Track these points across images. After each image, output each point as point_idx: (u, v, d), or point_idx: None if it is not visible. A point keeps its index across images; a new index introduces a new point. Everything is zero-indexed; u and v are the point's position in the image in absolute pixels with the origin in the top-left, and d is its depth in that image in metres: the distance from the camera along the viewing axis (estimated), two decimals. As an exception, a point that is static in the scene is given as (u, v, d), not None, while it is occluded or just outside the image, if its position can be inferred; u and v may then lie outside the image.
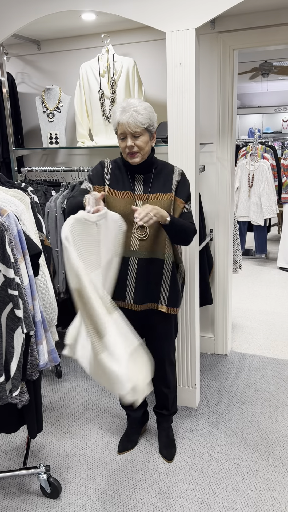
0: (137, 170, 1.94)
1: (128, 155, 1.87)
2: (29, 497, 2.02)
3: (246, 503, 1.94)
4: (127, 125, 1.80)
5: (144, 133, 1.84)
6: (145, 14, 2.16)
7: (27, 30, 2.78)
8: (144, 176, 1.95)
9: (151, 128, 1.87)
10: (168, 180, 1.95)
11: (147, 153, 1.89)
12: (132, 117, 1.78)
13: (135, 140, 1.84)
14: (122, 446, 2.29)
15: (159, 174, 1.96)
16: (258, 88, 9.61)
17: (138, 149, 1.85)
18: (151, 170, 1.96)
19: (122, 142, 1.86)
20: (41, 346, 1.82)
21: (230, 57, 2.66)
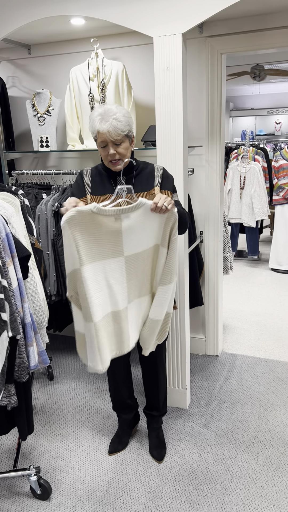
0: (118, 173, 1.95)
1: (110, 163, 1.88)
2: (19, 499, 2.03)
3: (235, 502, 1.96)
4: (107, 134, 1.80)
5: (125, 140, 1.86)
6: (132, 19, 2.19)
7: (17, 35, 2.81)
8: (126, 177, 1.96)
9: (131, 134, 1.89)
10: (150, 177, 1.97)
11: (128, 158, 1.91)
12: (113, 126, 1.79)
13: (117, 148, 1.84)
14: (113, 447, 2.30)
15: (140, 174, 1.98)
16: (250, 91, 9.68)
17: (120, 156, 1.86)
18: (133, 171, 1.97)
19: (103, 150, 1.87)
20: (31, 348, 1.83)
21: (218, 61, 2.69)
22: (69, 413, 2.64)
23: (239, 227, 5.66)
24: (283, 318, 3.90)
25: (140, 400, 2.67)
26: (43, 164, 3.30)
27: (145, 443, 2.35)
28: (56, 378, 3.03)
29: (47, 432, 2.47)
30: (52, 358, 3.28)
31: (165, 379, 2.29)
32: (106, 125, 1.79)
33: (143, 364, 2.22)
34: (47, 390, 2.89)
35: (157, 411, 2.30)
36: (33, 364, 1.83)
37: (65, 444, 2.37)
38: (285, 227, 5.09)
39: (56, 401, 2.76)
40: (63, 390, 2.87)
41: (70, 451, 2.32)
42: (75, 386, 2.91)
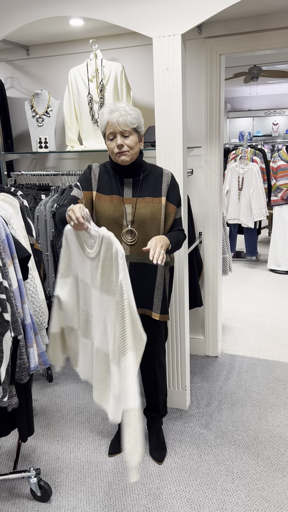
0: (126, 173, 1.93)
1: (117, 154, 1.85)
2: (19, 501, 2.02)
3: (236, 503, 1.96)
4: (116, 124, 1.79)
5: (133, 133, 1.84)
6: (132, 20, 2.19)
7: (16, 36, 2.80)
8: (132, 179, 1.94)
9: (140, 130, 1.88)
10: (157, 183, 1.94)
11: (136, 154, 1.88)
12: (122, 116, 1.79)
13: (125, 139, 1.83)
14: (113, 448, 2.29)
15: (148, 178, 1.95)
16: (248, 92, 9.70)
17: (127, 148, 1.83)
18: (140, 173, 1.95)
19: (111, 142, 1.85)
20: (31, 349, 1.83)
21: (217, 62, 2.70)
22: (68, 414, 2.63)
23: (238, 228, 5.67)
24: (282, 318, 3.90)
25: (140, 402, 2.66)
26: (42, 165, 3.29)
27: (145, 444, 2.35)
28: (56, 379, 3.02)
29: (47, 434, 2.46)
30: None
31: (164, 381, 2.28)
32: (115, 114, 1.79)
33: (142, 366, 2.21)
34: (47, 391, 2.88)
35: (157, 413, 2.29)
36: (33, 365, 1.82)
37: (65, 445, 2.36)
38: (283, 228, 5.10)
39: (55, 403, 2.75)
40: (63, 392, 2.87)
41: (70, 452, 2.31)
42: (75, 388, 2.91)
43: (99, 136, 2.80)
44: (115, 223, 1.91)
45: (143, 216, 1.91)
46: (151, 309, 2.01)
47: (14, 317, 1.69)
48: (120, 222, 1.91)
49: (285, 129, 9.70)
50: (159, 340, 2.14)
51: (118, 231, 1.92)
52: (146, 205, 1.92)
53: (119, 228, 1.92)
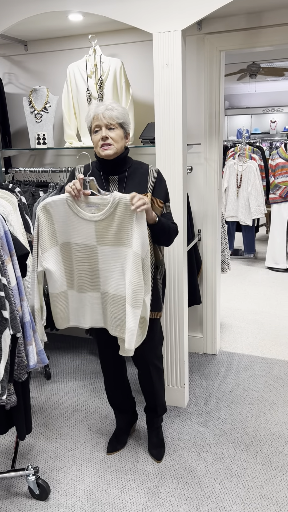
0: (111, 170, 1.91)
1: (101, 147, 1.84)
2: (17, 499, 2.01)
3: (234, 501, 1.96)
4: (102, 116, 1.81)
5: (119, 128, 1.85)
6: (132, 15, 2.17)
7: (14, 31, 2.77)
8: (118, 176, 1.92)
9: (126, 127, 1.88)
10: (143, 179, 1.92)
11: (121, 148, 1.87)
12: (108, 110, 1.81)
13: (110, 131, 1.83)
14: (111, 446, 2.28)
15: (133, 174, 1.93)
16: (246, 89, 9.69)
17: (112, 140, 1.83)
18: (125, 170, 1.93)
19: (96, 135, 1.85)
20: (30, 347, 1.81)
21: (216, 58, 2.68)
22: (66, 412, 2.62)
23: (236, 225, 5.66)
24: (280, 316, 3.90)
25: (138, 399, 2.66)
26: (40, 161, 3.27)
27: (144, 442, 2.34)
28: (54, 377, 3.01)
29: (45, 432, 2.45)
30: (49, 357, 3.26)
31: (161, 383, 2.23)
32: (101, 108, 1.82)
33: (138, 368, 2.20)
34: (45, 389, 2.87)
35: (156, 412, 2.27)
36: (32, 363, 1.81)
37: (63, 443, 2.36)
38: (282, 226, 5.10)
39: (53, 401, 2.74)
40: (61, 390, 2.86)
41: (69, 450, 2.30)
42: (73, 385, 2.90)
43: (97, 133, 2.78)
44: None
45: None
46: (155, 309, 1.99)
47: (13, 314, 1.68)
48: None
49: (283, 126, 9.69)
50: (151, 345, 2.09)
51: None
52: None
53: None
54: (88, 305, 1.95)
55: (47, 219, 1.84)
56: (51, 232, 1.85)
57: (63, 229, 1.86)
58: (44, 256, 1.86)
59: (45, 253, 1.86)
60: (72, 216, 1.83)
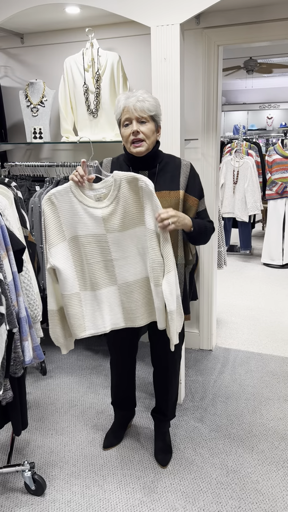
0: (141, 165, 1.81)
1: (132, 144, 1.74)
2: (13, 495, 2.00)
3: (230, 496, 1.97)
4: (133, 109, 1.69)
5: (150, 121, 1.73)
6: (130, 8, 2.15)
7: (10, 23, 2.74)
8: (148, 172, 1.82)
9: (157, 119, 1.77)
10: (175, 175, 1.82)
11: (152, 143, 1.77)
12: (139, 101, 1.69)
13: (141, 125, 1.72)
14: (108, 442, 2.28)
15: (164, 169, 1.83)
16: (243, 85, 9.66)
17: (143, 136, 1.72)
18: (155, 165, 1.83)
19: (126, 129, 1.73)
20: (26, 342, 1.80)
21: (214, 53, 2.67)
22: (62, 408, 2.62)
23: (232, 221, 5.66)
24: (275, 312, 3.91)
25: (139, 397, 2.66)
26: (36, 156, 3.25)
27: (140, 438, 2.34)
28: (49, 372, 3.00)
29: (41, 427, 2.45)
30: (45, 353, 3.25)
31: (176, 386, 2.19)
32: (132, 99, 1.70)
33: (155, 366, 2.15)
34: (40, 385, 2.86)
35: (165, 416, 2.22)
36: (28, 359, 1.80)
37: (59, 439, 2.35)
38: (278, 222, 5.11)
39: (49, 396, 2.74)
40: (56, 385, 2.85)
41: (64, 446, 2.30)
42: (68, 381, 2.89)
43: (94, 127, 2.76)
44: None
45: None
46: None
47: (9, 310, 1.67)
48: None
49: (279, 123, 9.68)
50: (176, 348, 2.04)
51: None
52: (162, 200, 1.78)
53: None
54: (105, 304, 1.83)
55: (52, 211, 1.73)
56: (57, 225, 1.75)
57: (69, 221, 1.75)
58: (51, 252, 1.75)
59: (52, 249, 1.75)
60: (78, 205, 1.73)
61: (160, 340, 2.03)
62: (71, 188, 1.72)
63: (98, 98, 2.68)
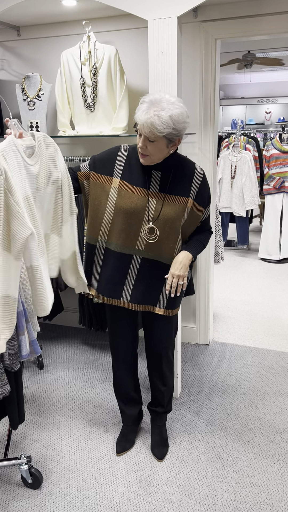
0: (155, 166, 1.80)
1: (139, 153, 1.75)
2: (10, 488, 2.01)
3: (226, 489, 1.98)
4: (142, 127, 1.63)
5: (160, 140, 1.66)
6: (127, 1, 2.13)
7: (6, 16, 2.72)
8: (161, 174, 1.81)
9: (171, 137, 1.66)
10: (187, 182, 1.82)
11: (159, 159, 1.75)
12: (150, 122, 1.60)
13: (148, 144, 1.68)
14: (120, 446, 2.21)
15: (178, 173, 1.82)
16: (241, 79, 9.63)
17: (148, 153, 1.71)
18: (170, 169, 1.81)
19: (138, 138, 1.72)
20: (23, 337, 1.80)
21: (212, 47, 2.65)
22: (59, 402, 2.62)
23: (229, 216, 5.66)
24: (272, 307, 3.93)
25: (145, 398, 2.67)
26: (33, 150, 3.23)
27: (147, 440, 2.35)
28: (46, 367, 3.01)
29: (38, 421, 2.45)
30: (42, 347, 3.26)
31: (172, 377, 2.19)
32: (145, 117, 1.60)
33: (149, 360, 2.15)
34: (37, 379, 2.87)
35: (162, 408, 2.22)
36: (24, 353, 1.80)
37: (56, 433, 2.36)
38: (275, 217, 5.11)
39: (46, 390, 2.74)
40: (53, 379, 2.86)
41: (61, 440, 2.31)
42: (65, 375, 2.90)
43: (91, 121, 2.75)
44: (134, 216, 1.79)
45: (168, 215, 1.80)
46: (155, 305, 1.94)
47: (5, 304, 1.66)
48: (140, 216, 1.80)
49: (277, 117, 9.66)
50: (167, 333, 2.05)
51: (137, 225, 1.81)
52: (172, 204, 1.80)
53: (138, 222, 1.81)
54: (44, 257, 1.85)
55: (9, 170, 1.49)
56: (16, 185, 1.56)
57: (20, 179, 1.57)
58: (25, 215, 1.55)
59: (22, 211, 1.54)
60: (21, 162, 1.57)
61: (151, 329, 2.05)
62: (14, 141, 1.53)
63: (95, 92, 2.66)
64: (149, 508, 1.89)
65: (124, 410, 2.26)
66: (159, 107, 1.60)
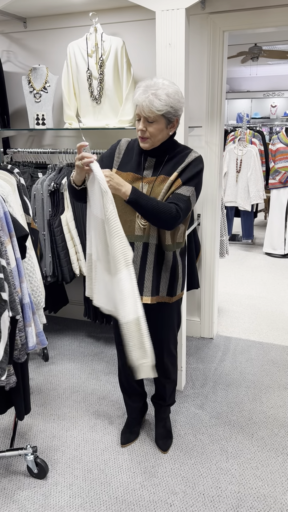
0: (150, 153, 1.83)
1: (139, 138, 1.78)
2: (16, 478, 2.03)
3: (230, 481, 1.99)
4: (141, 108, 1.69)
5: (159, 120, 1.71)
6: (135, -8, 2.12)
7: (13, 7, 2.71)
8: (156, 160, 1.84)
9: (170, 116, 1.72)
10: (179, 162, 1.81)
11: (159, 140, 1.77)
12: (148, 101, 1.66)
13: (148, 125, 1.72)
14: (125, 438, 2.23)
15: (173, 159, 1.83)
16: (247, 73, 9.55)
17: (149, 135, 1.74)
18: (165, 155, 1.83)
19: (137, 123, 1.76)
20: (30, 328, 1.81)
21: (220, 39, 2.63)
22: (64, 393, 2.64)
23: (234, 210, 5.65)
24: (276, 301, 3.92)
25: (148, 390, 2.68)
26: (39, 142, 3.23)
27: (151, 432, 2.36)
28: (51, 359, 3.03)
29: (43, 412, 2.47)
30: (48, 339, 3.27)
31: (174, 370, 2.19)
32: (142, 97, 1.67)
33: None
34: (43, 370, 2.89)
35: (164, 401, 2.23)
36: (31, 345, 1.81)
37: (61, 424, 2.38)
38: (281, 212, 5.09)
39: (51, 382, 2.76)
40: (58, 371, 2.88)
41: (66, 431, 2.33)
42: (70, 367, 2.91)
43: (97, 114, 2.74)
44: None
45: (156, 196, 1.80)
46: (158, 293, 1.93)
47: (12, 296, 1.68)
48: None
49: (283, 111, 9.59)
50: (170, 328, 2.06)
51: (131, 211, 1.83)
52: (161, 184, 1.80)
53: (131, 209, 1.83)
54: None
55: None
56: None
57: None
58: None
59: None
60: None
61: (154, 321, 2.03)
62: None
63: (101, 84, 2.65)
64: (153, 499, 1.91)
65: (128, 403, 2.27)
66: (155, 87, 1.68)
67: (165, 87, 1.68)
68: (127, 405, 2.28)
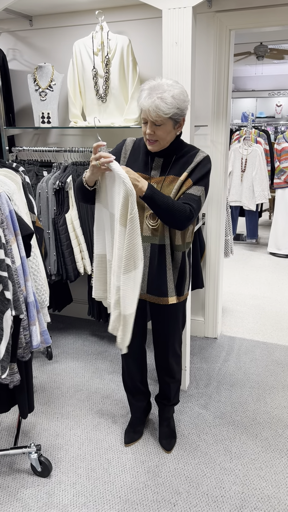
0: (158, 153, 1.83)
1: (147, 141, 1.78)
2: (19, 476, 2.04)
3: (233, 481, 1.99)
4: (148, 112, 1.67)
5: (167, 122, 1.70)
6: (141, -10, 2.11)
7: (19, 5, 2.70)
8: (164, 160, 1.84)
9: (177, 117, 1.72)
10: (187, 163, 1.81)
11: (168, 142, 1.77)
12: (154, 105, 1.64)
13: (155, 128, 1.71)
14: (128, 437, 2.22)
15: (180, 158, 1.83)
16: (252, 72, 9.51)
17: (157, 138, 1.74)
18: (173, 155, 1.83)
19: (143, 126, 1.75)
20: (34, 327, 1.81)
21: (226, 37, 2.62)
22: (68, 392, 2.64)
23: (239, 210, 5.63)
24: (281, 302, 3.91)
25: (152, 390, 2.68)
26: (44, 140, 3.23)
27: (155, 432, 2.36)
28: (55, 357, 3.03)
29: (47, 411, 2.47)
30: (52, 338, 3.27)
31: (179, 370, 2.19)
32: (148, 102, 1.65)
33: (156, 354, 2.14)
34: (46, 369, 2.89)
35: (168, 401, 2.23)
36: (35, 343, 1.81)
37: (64, 422, 2.38)
38: (286, 211, 5.07)
39: (55, 380, 2.76)
40: (62, 370, 2.88)
41: (70, 429, 2.33)
42: (74, 366, 2.91)
43: (103, 112, 2.73)
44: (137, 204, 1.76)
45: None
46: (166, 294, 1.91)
47: (16, 295, 1.67)
48: (141, 203, 1.80)
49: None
50: (175, 328, 2.05)
51: (141, 212, 1.83)
52: (170, 185, 1.80)
53: (140, 208, 1.82)
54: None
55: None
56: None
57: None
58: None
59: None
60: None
61: (159, 321, 2.04)
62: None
63: (107, 83, 2.65)
64: (157, 499, 1.91)
65: (132, 402, 2.27)
66: (160, 90, 1.66)
67: (171, 89, 1.66)
68: (131, 404, 2.28)
